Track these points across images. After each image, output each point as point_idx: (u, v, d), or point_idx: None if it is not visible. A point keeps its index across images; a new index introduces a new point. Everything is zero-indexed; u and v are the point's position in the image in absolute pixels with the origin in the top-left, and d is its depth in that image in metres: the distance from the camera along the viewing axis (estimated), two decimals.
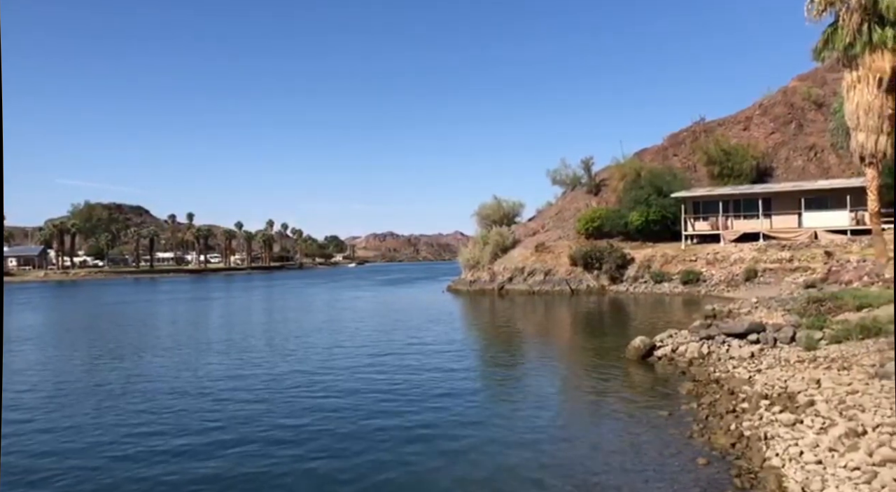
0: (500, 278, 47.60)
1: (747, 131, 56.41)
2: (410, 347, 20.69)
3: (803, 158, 52.12)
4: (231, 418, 12.02)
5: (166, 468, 9.18)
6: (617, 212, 48.79)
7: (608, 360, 17.11)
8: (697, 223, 46.10)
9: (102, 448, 10.27)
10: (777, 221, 43.22)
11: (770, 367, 12.90)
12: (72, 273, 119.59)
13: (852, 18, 23.66)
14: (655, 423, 10.69)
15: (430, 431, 10.84)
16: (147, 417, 12.29)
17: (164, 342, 23.83)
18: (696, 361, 15.26)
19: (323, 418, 11.79)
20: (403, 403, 12.93)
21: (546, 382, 15.45)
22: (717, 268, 39.55)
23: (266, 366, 17.83)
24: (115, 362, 19.11)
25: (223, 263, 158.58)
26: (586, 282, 43.35)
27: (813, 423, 8.63)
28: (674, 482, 7.94)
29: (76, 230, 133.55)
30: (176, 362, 18.80)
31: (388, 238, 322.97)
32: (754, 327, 16.13)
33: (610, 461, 8.90)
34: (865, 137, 24.39)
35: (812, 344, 13.72)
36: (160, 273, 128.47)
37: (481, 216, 58.13)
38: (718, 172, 51.33)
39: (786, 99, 57.64)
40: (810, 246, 38.61)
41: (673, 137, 59.98)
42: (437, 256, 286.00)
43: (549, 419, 11.52)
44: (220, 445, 10.28)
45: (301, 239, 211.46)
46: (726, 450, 8.79)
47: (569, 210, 56.56)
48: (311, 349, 20.91)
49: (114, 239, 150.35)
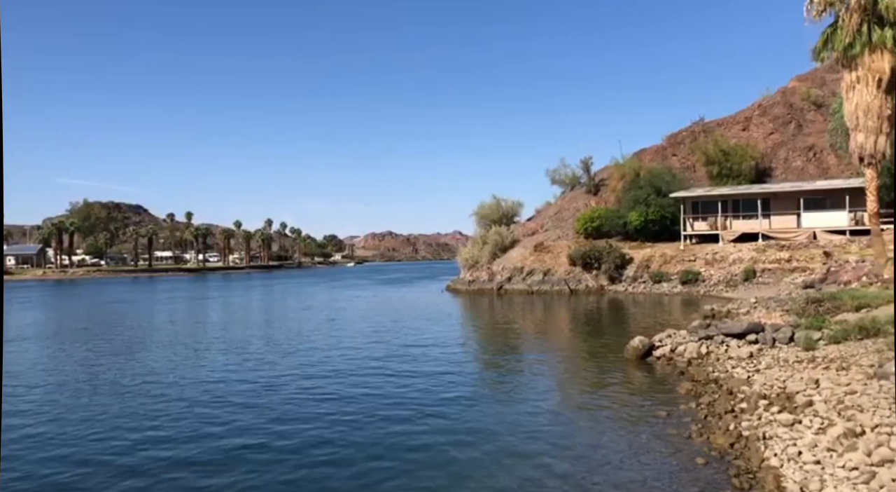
0: (498, 278, 47.60)
1: (746, 132, 56.46)
2: (409, 348, 20.68)
3: (802, 159, 52.17)
4: (228, 419, 12.02)
5: (165, 468, 9.18)
6: (616, 212, 48.80)
7: (607, 360, 17.11)
8: (696, 223, 46.11)
9: (101, 447, 10.26)
10: (776, 221, 43.24)
11: (769, 367, 12.90)
12: (70, 272, 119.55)
13: (852, 19, 23.68)
14: (654, 423, 10.70)
15: (428, 431, 10.83)
16: (146, 418, 12.29)
17: (164, 341, 23.80)
18: (695, 362, 15.26)
19: (319, 420, 11.79)
20: (401, 404, 12.92)
21: (544, 382, 15.45)
22: (715, 268, 39.56)
23: (265, 367, 17.83)
24: (113, 361, 19.10)
25: (222, 262, 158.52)
26: (585, 282, 43.35)
27: (811, 423, 8.64)
28: (672, 482, 7.94)
29: (74, 229, 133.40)
30: (175, 362, 18.79)
31: (387, 238, 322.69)
32: (753, 328, 16.13)
33: (608, 461, 8.90)
34: (864, 137, 24.40)
35: (811, 344, 13.72)
36: (159, 272, 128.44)
37: (480, 216, 58.09)
38: (717, 172, 51.35)
39: (785, 99, 57.72)
40: (809, 246, 38.65)
41: (672, 137, 60.02)
42: (436, 255, 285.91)
43: (547, 419, 11.51)
44: (217, 446, 10.29)
45: (300, 238, 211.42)
46: (725, 450, 8.79)
47: (568, 210, 56.56)
48: (311, 349, 20.91)
49: (112, 238, 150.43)
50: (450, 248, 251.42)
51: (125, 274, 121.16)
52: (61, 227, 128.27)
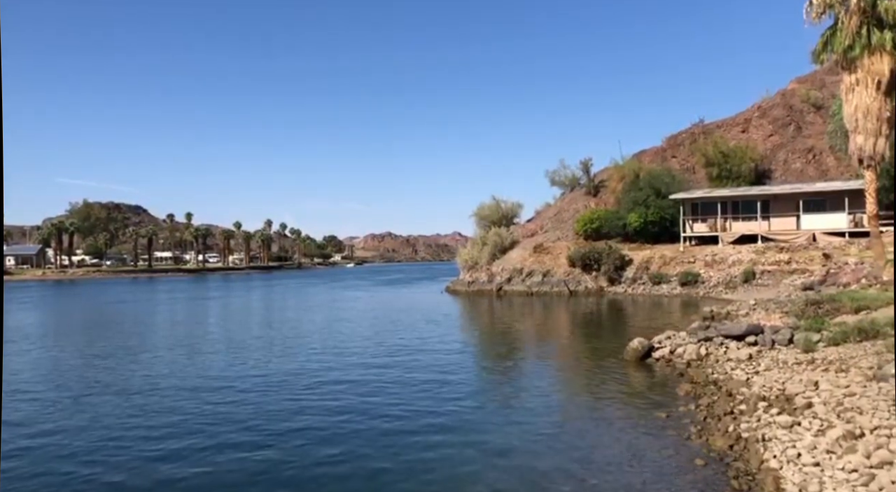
0: (498, 279, 47.60)
1: (746, 133, 56.50)
2: (408, 349, 20.68)
3: (802, 160, 52.21)
4: (226, 418, 12.03)
5: (162, 467, 9.18)
6: (615, 213, 48.82)
7: (606, 361, 17.11)
8: (696, 225, 46.13)
9: (99, 447, 10.26)
10: (775, 222, 43.27)
11: (768, 369, 12.91)
12: (70, 272, 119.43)
13: (851, 21, 23.70)
14: (653, 424, 10.71)
15: (427, 432, 10.84)
16: (144, 417, 12.28)
17: (164, 342, 23.80)
18: (695, 363, 15.27)
19: (318, 421, 11.79)
20: (400, 404, 12.93)
21: (544, 383, 15.46)
22: (715, 269, 39.57)
23: (264, 367, 17.83)
24: (112, 362, 19.08)
25: (221, 262, 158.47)
26: (585, 283, 43.36)
27: (811, 425, 8.64)
28: (671, 484, 7.95)
29: (74, 229, 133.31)
30: (175, 362, 18.78)
31: (387, 238, 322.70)
32: (752, 329, 16.14)
33: (608, 462, 8.91)
34: (864, 139, 24.42)
35: (810, 346, 13.73)
36: (158, 273, 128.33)
37: (480, 217, 58.11)
38: (717, 173, 51.39)
39: (784, 101, 57.75)
40: (808, 248, 38.68)
41: (672, 139, 60.07)
42: (436, 256, 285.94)
43: (546, 420, 11.52)
44: (214, 445, 10.29)
45: (299, 239, 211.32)
46: (724, 452, 8.80)
47: (567, 211, 56.59)
48: (311, 350, 20.91)
49: (112, 238, 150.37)
50: (449, 249, 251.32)
51: (125, 274, 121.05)
52: (61, 227, 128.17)
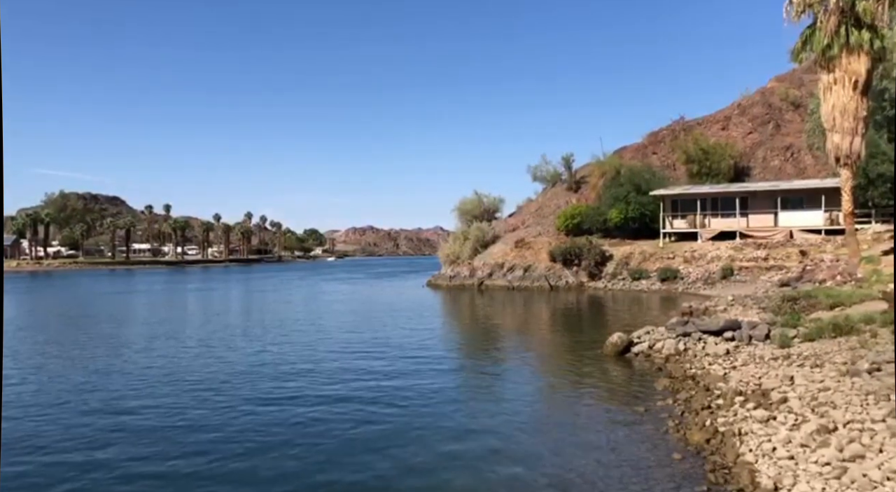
0: (479, 274, 47.69)
1: (726, 131, 57.08)
2: (387, 343, 20.61)
3: (780, 158, 52.88)
4: (208, 414, 11.92)
5: (160, 467, 9.08)
6: (596, 209, 49.11)
7: (585, 356, 17.19)
8: (675, 221, 46.55)
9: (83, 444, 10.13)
10: (753, 219, 43.81)
11: (745, 364, 13.06)
12: (45, 263, 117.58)
13: (830, 20, 23.99)
14: (631, 419, 10.78)
15: (404, 427, 10.80)
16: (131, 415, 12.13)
17: (142, 335, 23.52)
18: (673, 358, 15.40)
19: (293, 418, 11.72)
20: (378, 400, 12.87)
21: (523, 377, 15.51)
22: (694, 266, 39.96)
23: (243, 362, 17.68)
24: (89, 358, 18.81)
25: (200, 255, 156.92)
26: (565, 278, 43.57)
27: (786, 419, 8.76)
28: (649, 477, 8.01)
29: (50, 220, 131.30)
30: (153, 357, 18.56)
31: (368, 232, 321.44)
32: (730, 325, 16.31)
33: (586, 456, 8.95)
34: (841, 138, 24.77)
35: (786, 342, 13.91)
36: (136, 265, 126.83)
37: (461, 211, 58.14)
38: (697, 170, 51.91)
39: (764, 99, 58.42)
40: (785, 245, 39.22)
41: (653, 136, 60.48)
42: (417, 250, 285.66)
43: (525, 415, 11.56)
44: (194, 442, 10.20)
45: (280, 232, 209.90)
46: (701, 445, 8.89)
47: (549, 207, 56.80)
48: (287, 345, 20.76)
49: (89, 230, 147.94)
50: (431, 243, 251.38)
51: (102, 266, 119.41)
52: (36, 218, 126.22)
